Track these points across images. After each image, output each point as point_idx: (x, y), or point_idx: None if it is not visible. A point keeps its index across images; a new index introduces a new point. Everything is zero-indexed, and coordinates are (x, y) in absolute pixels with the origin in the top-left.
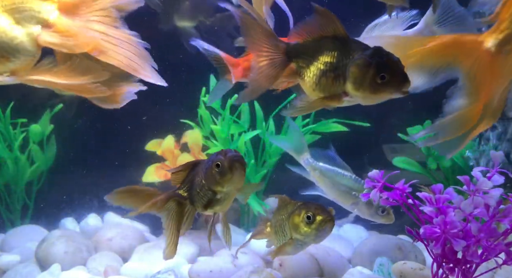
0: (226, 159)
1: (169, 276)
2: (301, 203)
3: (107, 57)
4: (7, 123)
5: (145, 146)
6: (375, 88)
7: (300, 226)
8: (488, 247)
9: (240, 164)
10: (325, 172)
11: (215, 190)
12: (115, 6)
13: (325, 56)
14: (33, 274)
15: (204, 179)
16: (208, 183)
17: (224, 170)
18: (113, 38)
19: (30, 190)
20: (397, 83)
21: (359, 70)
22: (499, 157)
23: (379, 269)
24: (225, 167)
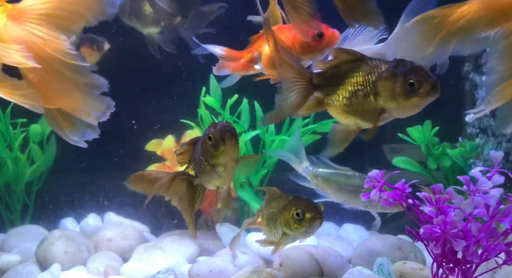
0: (217, 131)
1: (169, 276)
2: (291, 199)
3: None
4: (7, 123)
5: (145, 146)
6: (408, 95)
7: (290, 222)
8: (488, 247)
9: (231, 133)
10: (329, 176)
11: (212, 163)
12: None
13: (351, 78)
14: (33, 274)
15: (201, 154)
16: (205, 157)
17: (216, 141)
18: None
19: (30, 190)
20: (427, 86)
21: (388, 82)
22: (499, 157)
23: (379, 269)
24: (216, 138)
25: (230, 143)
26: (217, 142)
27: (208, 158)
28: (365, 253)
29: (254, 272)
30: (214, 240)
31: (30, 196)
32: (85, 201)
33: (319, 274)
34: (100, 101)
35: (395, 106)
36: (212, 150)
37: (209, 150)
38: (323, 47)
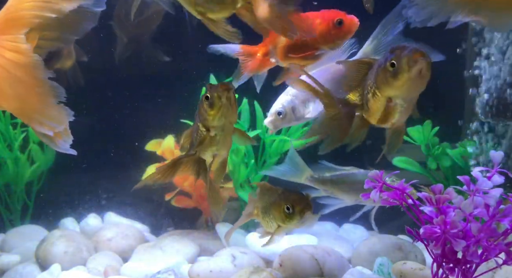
0: (214, 90)
1: (169, 276)
2: (280, 193)
3: None
4: (7, 123)
5: (145, 146)
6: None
7: (282, 216)
8: (488, 247)
9: (229, 93)
10: (336, 179)
11: (208, 126)
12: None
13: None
14: (33, 274)
15: (199, 119)
16: (201, 121)
17: (213, 101)
18: None
19: (30, 190)
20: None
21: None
22: (499, 157)
23: (379, 269)
24: (214, 98)
25: (227, 103)
26: (214, 101)
27: (204, 120)
28: (365, 253)
29: (254, 272)
30: (214, 240)
31: (30, 196)
32: (85, 201)
33: (319, 274)
34: (57, 111)
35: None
36: (208, 110)
37: (205, 111)
38: (344, 35)
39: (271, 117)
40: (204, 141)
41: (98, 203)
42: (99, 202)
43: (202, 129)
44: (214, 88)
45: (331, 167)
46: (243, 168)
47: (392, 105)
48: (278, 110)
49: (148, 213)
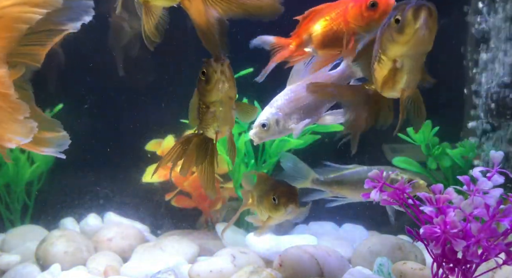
0: (209, 65)
1: (169, 276)
2: (272, 183)
3: None
4: None
5: (145, 146)
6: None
7: (270, 207)
8: (488, 247)
9: (225, 66)
10: (341, 179)
11: (207, 102)
12: None
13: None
14: (33, 274)
15: (199, 96)
16: (201, 98)
17: (210, 75)
18: None
19: (30, 190)
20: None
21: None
22: (499, 157)
23: (379, 269)
24: (209, 72)
25: (224, 77)
26: (211, 75)
27: (203, 97)
28: (365, 253)
29: (254, 272)
30: (214, 240)
31: (30, 196)
32: (85, 201)
33: (319, 274)
34: (23, 126)
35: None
36: (205, 86)
37: (202, 87)
38: (379, 17)
39: (255, 130)
40: (205, 117)
41: (98, 203)
42: (99, 202)
43: (202, 106)
44: (209, 63)
45: (335, 167)
46: (243, 168)
47: (399, 66)
48: (262, 122)
49: (148, 213)
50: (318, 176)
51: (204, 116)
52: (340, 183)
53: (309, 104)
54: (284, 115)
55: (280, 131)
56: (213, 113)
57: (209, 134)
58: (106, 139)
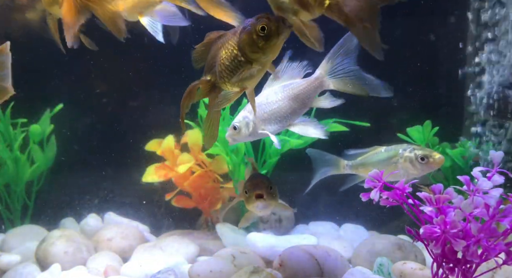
0: (273, 22)
1: (169, 276)
2: (250, 176)
3: None
4: (7, 123)
5: (145, 146)
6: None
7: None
8: (488, 247)
9: (286, 26)
10: (366, 162)
11: (253, 58)
12: None
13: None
14: (33, 274)
15: (238, 48)
16: (245, 50)
17: (271, 33)
18: None
19: (30, 190)
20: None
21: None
22: (499, 157)
23: (379, 269)
24: (272, 30)
25: (282, 37)
26: (272, 34)
27: (250, 51)
28: (365, 253)
29: (254, 272)
30: (214, 240)
31: (30, 196)
32: (85, 201)
33: (319, 274)
34: None
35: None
36: (261, 42)
37: (256, 42)
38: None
39: (229, 132)
40: (242, 73)
41: (98, 203)
42: (99, 202)
43: (241, 59)
44: (273, 20)
45: (357, 152)
46: (243, 168)
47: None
48: (233, 125)
49: (148, 213)
50: (347, 162)
51: (240, 71)
52: (365, 165)
53: (281, 111)
54: (255, 120)
55: (252, 135)
56: (251, 70)
57: (227, 86)
58: (106, 139)
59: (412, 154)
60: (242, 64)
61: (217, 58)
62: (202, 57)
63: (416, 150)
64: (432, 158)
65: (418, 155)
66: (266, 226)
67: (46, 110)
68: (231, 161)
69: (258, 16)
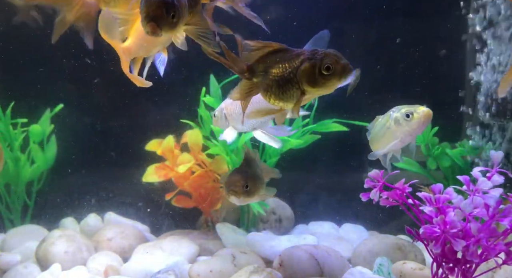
0: (339, 63)
1: (169, 276)
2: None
3: None
4: (7, 123)
5: (145, 146)
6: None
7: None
8: (488, 247)
9: (351, 71)
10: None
11: (305, 89)
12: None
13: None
14: (33, 274)
15: (297, 74)
16: (303, 79)
17: (335, 73)
18: None
19: (30, 190)
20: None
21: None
22: (499, 157)
23: (379, 269)
24: (336, 71)
25: (343, 82)
26: (335, 75)
27: (306, 82)
28: (365, 253)
29: (254, 272)
30: (214, 240)
31: (30, 196)
32: (85, 201)
33: (319, 274)
34: None
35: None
36: (321, 79)
37: (316, 76)
38: None
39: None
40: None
41: (98, 203)
42: (99, 202)
43: (295, 84)
44: (341, 61)
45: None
46: None
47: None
48: (213, 112)
49: (148, 213)
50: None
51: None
52: (371, 141)
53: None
54: (226, 113)
55: (226, 126)
56: (299, 98)
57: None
58: (106, 139)
59: (398, 113)
60: (293, 89)
61: (271, 71)
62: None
63: (404, 108)
64: (417, 112)
65: (403, 112)
66: (266, 226)
67: (46, 110)
68: (231, 161)
69: (326, 52)
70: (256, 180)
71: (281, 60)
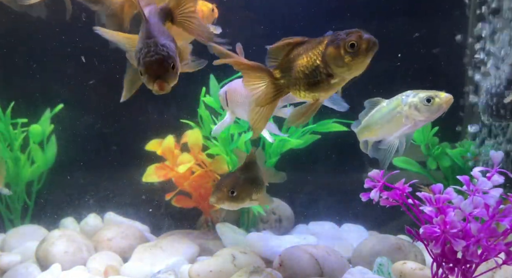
0: (364, 40)
1: (169, 276)
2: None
3: None
4: (7, 123)
5: (145, 146)
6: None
7: None
8: (488, 247)
9: (376, 45)
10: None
11: (335, 72)
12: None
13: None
14: (33, 274)
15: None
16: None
17: (360, 51)
18: None
19: (30, 190)
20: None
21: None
22: (499, 157)
23: (379, 269)
24: (362, 48)
25: (370, 57)
26: (361, 52)
27: (334, 65)
28: (365, 253)
29: (254, 272)
30: (214, 240)
31: (30, 196)
32: (85, 201)
33: (319, 274)
34: None
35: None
36: (348, 58)
37: (342, 57)
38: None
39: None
40: (321, 84)
41: (98, 203)
42: (99, 202)
43: (322, 70)
44: (364, 38)
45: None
46: None
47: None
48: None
49: (148, 213)
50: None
51: (319, 82)
52: (369, 127)
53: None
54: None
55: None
56: (330, 83)
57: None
58: (106, 139)
59: (416, 98)
60: (322, 76)
61: (296, 64)
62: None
63: (421, 93)
64: (439, 98)
65: (423, 97)
66: (266, 226)
67: (46, 110)
68: (231, 161)
69: (348, 31)
70: (247, 185)
71: (305, 51)
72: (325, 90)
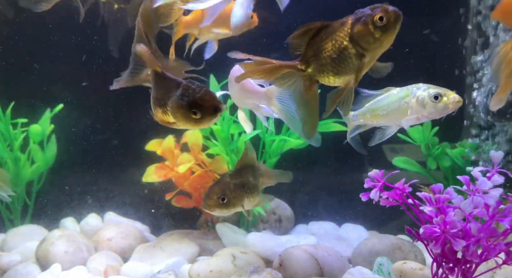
0: (392, 13)
1: (169, 276)
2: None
3: None
4: (7, 123)
5: (145, 146)
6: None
7: None
8: (488, 247)
9: (401, 17)
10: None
11: (367, 49)
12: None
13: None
14: (33, 274)
15: (351, 39)
16: (359, 42)
17: (389, 22)
18: None
19: (30, 190)
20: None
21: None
22: (499, 157)
23: (379, 269)
24: (390, 20)
25: (398, 29)
26: (390, 24)
27: (366, 42)
28: (365, 253)
29: (254, 272)
30: (214, 240)
31: (30, 196)
32: (85, 201)
33: (319, 274)
34: None
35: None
36: (378, 32)
37: (372, 33)
38: None
39: None
40: (351, 66)
41: (98, 203)
42: (99, 202)
43: (351, 51)
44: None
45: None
46: None
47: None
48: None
49: (148, 213)
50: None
51: (346, 63)
52: (373, 111)
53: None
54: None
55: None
56: (361, 61)
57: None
58: (106, 139)
59: (425, 93)
60: (352, 57)
61: (321, 50)
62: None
63: (431, 88)
64: (447, 97)
65: (431, 93)
66: (266, 226)
67: (46, 110)
68: (231, 161)
69: (373, 7)
70: (238, 191)
71: (328, 35)
72: (355, 71)
